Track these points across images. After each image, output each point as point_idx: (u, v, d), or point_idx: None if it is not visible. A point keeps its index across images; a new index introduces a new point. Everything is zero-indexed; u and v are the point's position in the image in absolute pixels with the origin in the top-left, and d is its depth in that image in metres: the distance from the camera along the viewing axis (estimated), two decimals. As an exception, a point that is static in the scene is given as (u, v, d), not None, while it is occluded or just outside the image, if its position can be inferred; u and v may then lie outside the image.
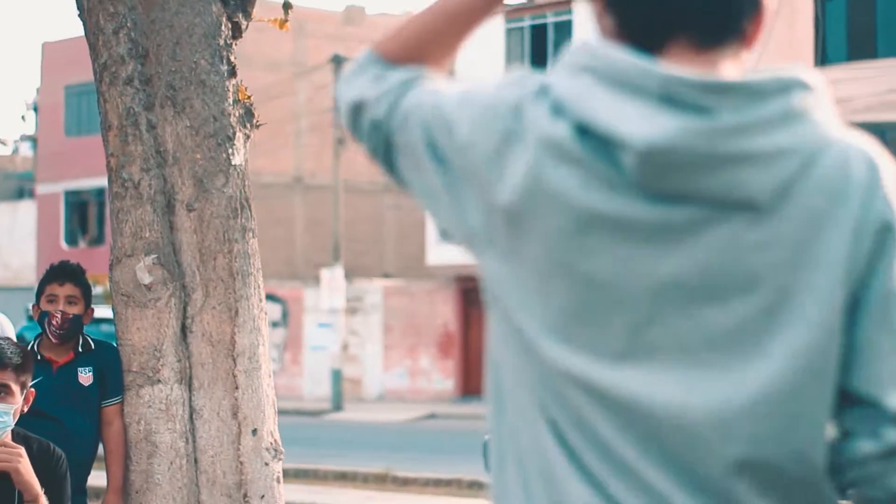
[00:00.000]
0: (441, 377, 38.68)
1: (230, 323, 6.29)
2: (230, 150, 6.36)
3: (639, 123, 1.88)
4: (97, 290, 5.71)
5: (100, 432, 6.25)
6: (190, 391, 6.28)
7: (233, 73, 6.43)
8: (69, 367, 6.21)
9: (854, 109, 31.71)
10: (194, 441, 6.27)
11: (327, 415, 33.26)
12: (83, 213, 47.06)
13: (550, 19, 37.96)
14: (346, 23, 41.51)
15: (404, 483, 18.49)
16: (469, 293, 39.08)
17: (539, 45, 38.34)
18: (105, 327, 15.96)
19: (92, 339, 6.33)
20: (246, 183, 6.42)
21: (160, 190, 6.30)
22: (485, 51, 38.68)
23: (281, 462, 6.44)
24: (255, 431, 6.32)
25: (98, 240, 45.51)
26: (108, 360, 6.25)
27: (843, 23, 33.51)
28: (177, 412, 6.23)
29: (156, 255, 6.23)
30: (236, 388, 6.29)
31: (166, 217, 6.32)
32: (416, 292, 39.39)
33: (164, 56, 6.32)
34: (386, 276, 42.15)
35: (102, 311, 14.00)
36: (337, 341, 35.84)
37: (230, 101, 6.39)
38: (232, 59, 6.44)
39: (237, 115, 6.42)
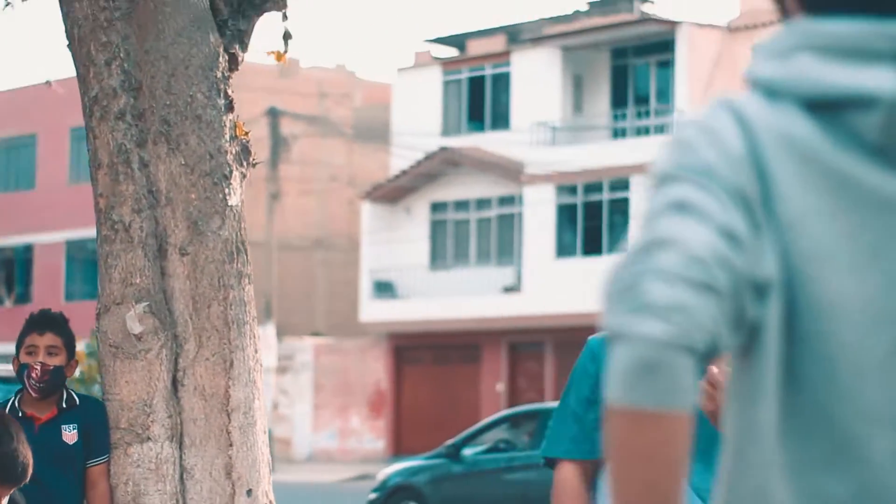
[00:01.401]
0: (372, 437, 38.15)
1: (224, 375, 5.86)
2: (227, 190, 5.95)
3: (885, 78, 1.78)
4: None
5: (84, 494, 5.78)
6: (181, 449, 5.83)
7: (230, 107, 6.03)
8: (52, 424, 5.74)
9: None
10: (185, 503, 5.81)
11: (258, 474, 32.56)
12: (9, 271, 46.16)
13: (488, 71, 37.77)
14: (282, 76, 41.17)
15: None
16: (401, 350, 38.65)
17: (477, 98, 38.13)
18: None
19: (77, 394, 5.87)
20: (242, 225, 6.01)
21: (152, 233, 5.87)
22: (422, 103, 38.43)
23: (278, 526, 6.00)
24: (249, 492, 5.88)
25: (23, 298, 44.63)
26: (93, 417, 5.79)
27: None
28: (167, 472, 5.78)
29: (147, 303, 5.79)
30: (230, 445, 5.86)
31: (158, 262, 5.89)
32: (348, 350, 38.91)
33: (158, 89, 5.91)
34: (316, 334, 41.61)
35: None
36: (267, 401, 35.26)
37: (227, 137, 5.99)
38: (229, 92, 6.04)
39: (234, 152, 6.02)
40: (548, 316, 34.84)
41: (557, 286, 34.75)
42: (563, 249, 35.43)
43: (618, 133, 36.20)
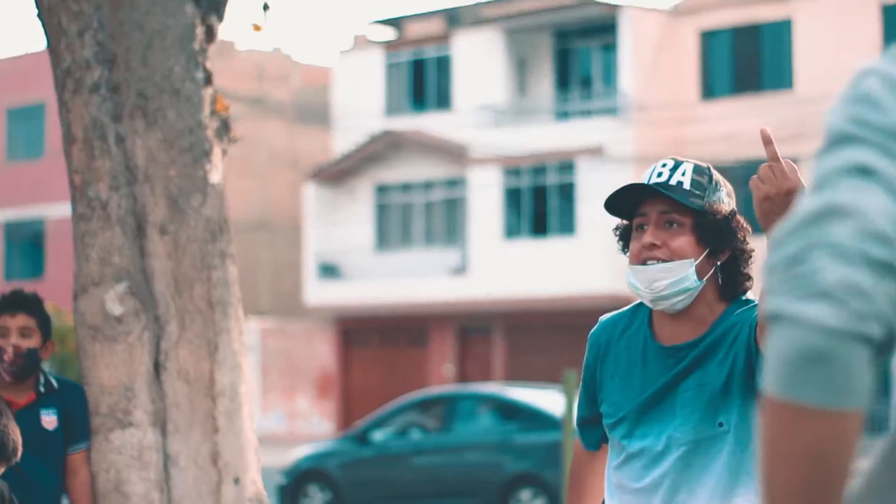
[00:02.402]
0: (320, 419, 37.91)
1: (209, 359, 5.64)
2: (207, 167, 5.72)
3: None
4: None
5: (64, 483, 5.54)
6: (165, 435, 5.61)
7: (209, 80, 5.80)
8: (31, 409, 5.48)
9: (741, 143, 31.72)
10: (169, 491, 5.59)
11: (205, 460, 32.28)
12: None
13: (430, 54, 37.53)
14: (218, 57, 40.73)
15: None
16: (349, 333, 38.41)
17: (418, 81, 37.89)
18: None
19: (55, 378, 5.61)
20: (224, 203, 5.79)
21: (130, 210, 5.64)
22: (364, 85, 38.15)
23: (265, 513, 5.79)
24: (237, 480, 5.67)
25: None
26: (73, 402, 5.55)
27: (728, 56, 33.52)
28: (150, 459, 5.56)
29: (127, 284, 5.56)
30: (216, 431, 5.64)
31: (137, 241, 5.65)
32: (295, 332, 38.63)
33: (133, 61, 5.67)
34: (260, 313, 41.28)
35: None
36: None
37: (207, 112, 5.76)
38: (207, 65, 5.81)
39: (214, 127, 5.79)
40: (496, 299, 34.71)
41: (505, 269, 34.61)
42: (511, 232, 35.29)
43: (561, 115, 36.07)
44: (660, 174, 3.54)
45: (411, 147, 36.86)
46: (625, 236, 3.63)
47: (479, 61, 36.11)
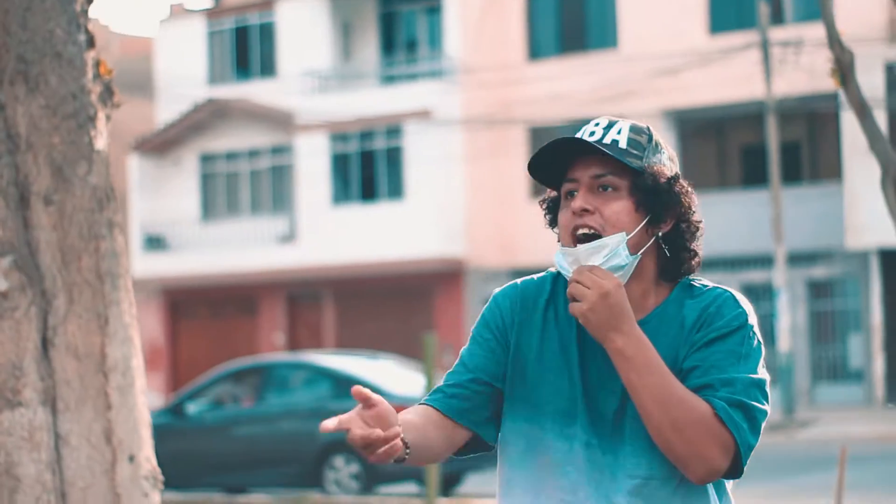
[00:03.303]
0: (149, 391, 37.35)
1: (99, 333, 5.42)
2: (92, 133, 5.49)
3: None
4: None
5: (-49, 468, 5.29)
6: (55, 414, 5.38)
7: (91, 43, 5.57)
8: (-86, 391, 5.23)
9: (567, 104, 31.94)
10: (62, 472, 5.36)
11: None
12: None
13: (253, 21, 37.08)
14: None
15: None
16: (177, 305, 37.87)
17: (242, 49, 37.42)
18: None
19: (-62, 357, 5.34)
20: (109, 171, 5.56)
21: (12, 181, 5.38)
22: (187, 54, 37.55)
23: (160, 492, 5.60)
24: (131, 458, 5.46)
25: None
26: (-41, 382, 5.29)
27: (554, 17, 33.70)
28: (42, 439, 5.32)
29: (12, 257, 5.31)
30: (109, 408, 5.42)
31: (20, 212, 5.40)
32: (120, 306, 37.96)
33: (12, 24, 5.40)
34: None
35: None
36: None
37: (90, 76, 5.52)
38: (89, 27, 5.57)
39: (97, 92, 5.56)
40: (325, 265, 34.52)
41: (335, 235, 34.42)
42: (339, 197, 35.10)
43: (388, 80, 35.95)
44: (592, 133, 3.07)
45: (236, 115, 36.41)
46: (553, 209, 3.17)
47: (303, 27, 35.79)
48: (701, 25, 31.74)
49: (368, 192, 34.86)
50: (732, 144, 33.98)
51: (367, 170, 34.83)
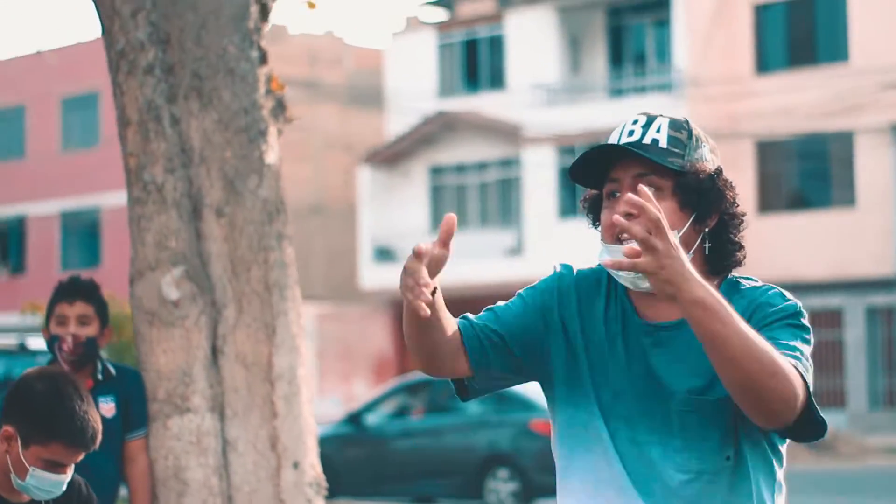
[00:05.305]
0: (376, 402, 37.91)
1: (267, 342, 5.56)
2: (263, 147, 5.64)
3: None
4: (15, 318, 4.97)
5: (122, 471, 5.47)
6: (223, 420, 5.53)
7: (263, 59, 5.72)
8: (88, 396, 5.42)
9: (796, 117, 31.37)
10: (228, 477, 5.52)
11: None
12: (3, 243, 45.79)
13: (483, 34, 37.38)
14: (270, 41, 40.66)
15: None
16: (404, 316, 38.34)
17: (471, 62, 37.75)
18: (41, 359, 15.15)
19: (112, 364, 5.54)
20: (280, 184, 5.70)
21: (186, 193, 5.56)
22: (417, 67, 38.04)
23: (324, 498, 5.71)
24: (296, 465, 5.59)
25: (17, 269, 44.29)
26: (131, 389, 5.47)
27: (783, 29, 33.16)
28: (209, 445, 5.48)
29: (184, 267, 5.48)
30: (275, 416, 5.56)
31: (193, 224, 5.57)
32: (350, 317, 38.62)
33: (188, 41, 5.59)
34: (315, 299, 41.31)
35: (36, 342, 13.13)
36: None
37: (262, 91, 5.67)
38: (262, 44, 5.72)
39: (269, 107, 5.71)
40: (551, 278, 34.52)
41: (561, 248, 34.43)
42: (566, 211, 35.11)
43: (616, 93, 35.83)
44: (631, 132, 2.99)
45: (465, 128, 36.72)
46: (594, 208, 3.08)
47: (531, 40, 35.92)
48: (938, 36, 30.87)
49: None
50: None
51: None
